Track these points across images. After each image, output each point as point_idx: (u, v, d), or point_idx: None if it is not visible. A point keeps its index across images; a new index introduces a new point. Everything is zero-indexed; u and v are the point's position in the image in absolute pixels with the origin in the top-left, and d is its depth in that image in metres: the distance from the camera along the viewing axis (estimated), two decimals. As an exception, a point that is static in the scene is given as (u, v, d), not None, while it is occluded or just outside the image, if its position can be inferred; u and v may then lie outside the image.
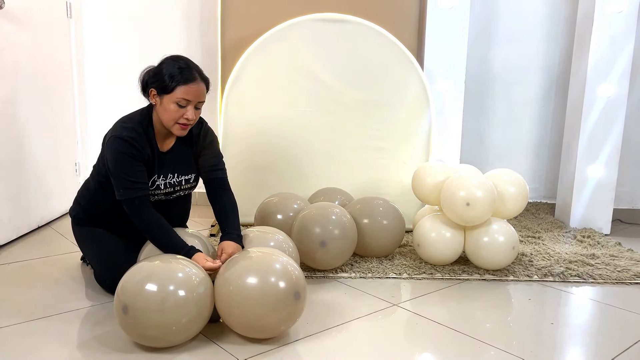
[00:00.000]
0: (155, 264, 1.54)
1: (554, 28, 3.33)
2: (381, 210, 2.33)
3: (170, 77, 1.73)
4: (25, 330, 1.64)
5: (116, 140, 1.76)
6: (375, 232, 2.29)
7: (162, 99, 1.77)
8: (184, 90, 1.73)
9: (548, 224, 3.05)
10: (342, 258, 2.16)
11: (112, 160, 1.77)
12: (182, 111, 1.76)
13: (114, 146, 1.77)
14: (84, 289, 1.97)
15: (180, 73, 1.74)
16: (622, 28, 2.83)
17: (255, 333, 1.57)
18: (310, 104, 2.79)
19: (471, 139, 3.42)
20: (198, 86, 1.76)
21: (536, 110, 3.42)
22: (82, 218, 2.02)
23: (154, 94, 1.78)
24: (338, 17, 2.77)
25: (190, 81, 1.74)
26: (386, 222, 2.30)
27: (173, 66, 1.75)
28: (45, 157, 2.79)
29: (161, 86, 1.75)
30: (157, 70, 1.78)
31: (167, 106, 1.75)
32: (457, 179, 2.21)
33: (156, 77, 1.77)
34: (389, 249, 2.35)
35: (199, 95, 1.77)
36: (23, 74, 2.55)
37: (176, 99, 1.74)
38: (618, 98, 2.89)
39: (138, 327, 1.47)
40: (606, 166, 2.96)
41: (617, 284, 2.18)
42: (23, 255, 2.34)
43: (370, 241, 2.29)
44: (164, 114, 1.78)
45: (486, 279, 2.18)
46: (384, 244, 2.31)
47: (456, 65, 2.92)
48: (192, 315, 1.49)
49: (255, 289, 1.51)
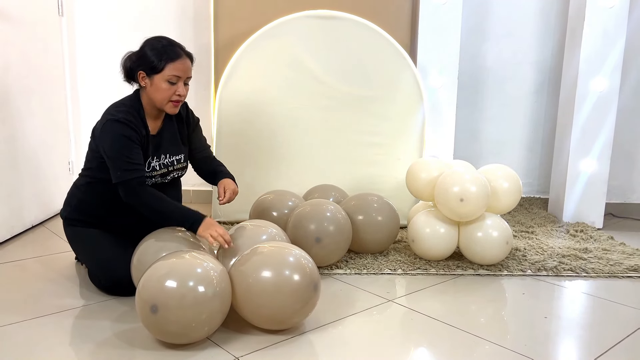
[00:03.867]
0: (173, 261, 1.53)
1: (546, 23, 3.34)
2: (376, 206, 2.33)
3: (157, 56, 1.79)
4: (20, 329, 1.63)
5: (114, 123, 1.78)
6: (370, 228, 2.29)
7: (152, 80, 1.82)
8: (173, 67, 1.80)
9: (541, 218, 3.07)
10: (337, 254, 2.17)
11: (110, 143, 1.78)
12: (173, 88, 1.82)
13: (112, 128, 1.78)
14: (78, 288, 1.97)
15: (166, 51, 1.80)
16: (613, 22, 2.85)
17: (274, 325, 1.61)
18: (304, 101, 2.79)
19: (465, 135, 3.43)
20: (185, 62, 1.83)
21: (529, 105, 3.44)
22: (73, 219, 2.01)
23: (143, 76, 1.83)
24: (330, 14, 2.77)
25: (178, 57, 1.81)
26: (381, 219, 2.31)
27: (157, 46, 1.81)
28: (39, 156, 2.77)
29: (150, 67, 1.80)
30: (141, 53, 1.83)
31: (159, 85, 1.81)
32: (451, 174, 2.22)
33: (142, 60, 1.82)
34: (384, 245, 2.36)
35: (187, 71, 1.85)
36: (14, 72, 2.53)
37: (167, 77, 1.80)
38: (610, 92, 2.91)
39: (165, 325, 1.46)
40: (598, 160, 2.98)
41: (609, 277, 2.20)
42: (17, 254, 2.33)
43: (365, 237, 2.29)
44: (156, 94, 1.82)
45: (480, 274, 2.19)
46: (378, 240, 2.32)
47: (449, 61, 2.93)
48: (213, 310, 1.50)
49: (274, 281, 1.54)
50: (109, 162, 1.79)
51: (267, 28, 2.75)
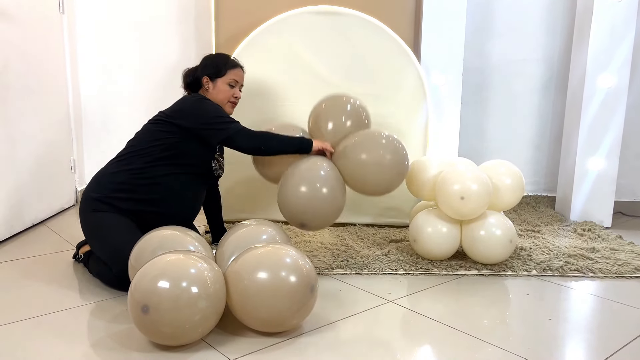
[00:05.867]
0: (167, 261, 1.50)
1: (553, 19, 3.28)
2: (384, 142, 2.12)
3: (223, 63, 2.16)
4: (19, 328, 1.62)
5: (201, 100, 2.08)
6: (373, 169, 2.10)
7: (215, 83, 2.15)
8: (233, 72, 2.17)
9: (548, 217, 3.01)
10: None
11: (210, 110, 2.05)
12: (232, 91, 2.17)
13: (204, 102, 2.07)
14: (77, 288, 1.95)
15: (228, 61, 2.18)
16: (622, 17, 2.78)
17: (270, 327, 1.58)
18: (306, 97, 2.75)
19: (471, 132, 3.38)
20: (242, 70, 2.23)
21: (536, 102, 3.38)
22: (106, 202, 1.94)
23: (207, 80, 2.15)
24: (333, 9, 2.72)
25: (237, 66, 2.20)
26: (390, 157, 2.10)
27: (221, 57, 2.22)
28: (40, 154, 2.77)
29: (215, 71, 2.15)
30: (206, 62, 2.19)
31: (221, 87, 2.15)
32: (451, 172, 2.17)
33: (208, 67, 2.16)
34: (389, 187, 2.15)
35: (242, 78, 2.23)
36: (15, 71, 2.52)
37: (229, 80, 2.15)
38: (618, 89, 2.84)
39: (158, 326, 1.44)
40: (607, 158, 2.91)
41: (617, 277, 2.14)
42: (17, 253, 2.32)
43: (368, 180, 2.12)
44: (219, 95, 2.15)
45: (484, 274, 2.14)
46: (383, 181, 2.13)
47: (454, 58, 2.88)
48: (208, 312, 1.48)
49: (270, 283, 1.51)
50: (213, 126, 2.02)
51: (268, 24, 2.71)
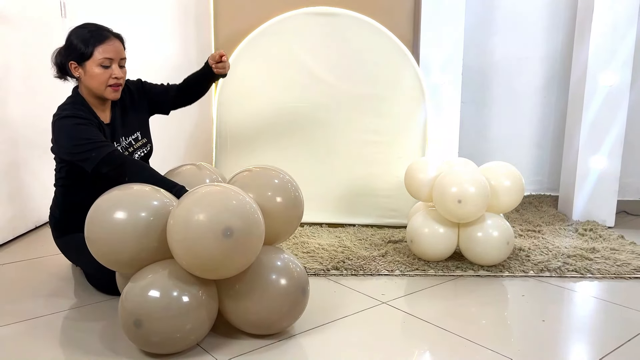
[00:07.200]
0: (156, 270, 1.49)
1: (554, 16, 3.25)
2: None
3: (84, 42, 1.76)
4: (18, 330, 1.64)
5: (61, 119, 1.76)
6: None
7: (84, 68, 1.78)
8: (102, 49, 1.76)
9: (550, 217, 2.99)
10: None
11: (67, 136, 1.74)
12: (108, 72, 1.78)
13: (63, 124, 1.75)
14: (73, 290, 1.98)
15: (92, 36, 1.77)
16: (623, 15, 2.75)
17: (261, 330, 1.58)
18: (304, 98, 2.76)
19: (472, 132, 3.36)
20: (114, 43, 1.79)
21: (538, 100, 3.35)
22: (61, 228, 2.00)
23: (75, 67, 1.79)
24: (330, 10, 2.73)
25: (105, 39, 1.77)
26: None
27: (82, 33, 1.78)
28: (41, 157, 2.79)
29: (79, 55, 1.77)
30: (67, 44, 1.80)
31: (93, 71, 1.77)
32: (449, 174, 2.16)
33: (70, 50, 1.79)
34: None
35: (119, 52, 1.80)
36: (16, 74, 2.55)
37: (99, 61, 1.76)
38: (620, 87, 2.81)
39: (149, 337, 1.44)
40: (609, 157, 2.89)
41: (615, 278, 2.12)
42: (20, 255, 2.35)
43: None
44: (92, 81, 1.79)
45: (480, 275, 2.14)
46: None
47: (453, 57, 2.86)
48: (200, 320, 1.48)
49: (261, 285, 1.52)
50: (77, 155, 1.72)
51: (267, 25, 2.72)
